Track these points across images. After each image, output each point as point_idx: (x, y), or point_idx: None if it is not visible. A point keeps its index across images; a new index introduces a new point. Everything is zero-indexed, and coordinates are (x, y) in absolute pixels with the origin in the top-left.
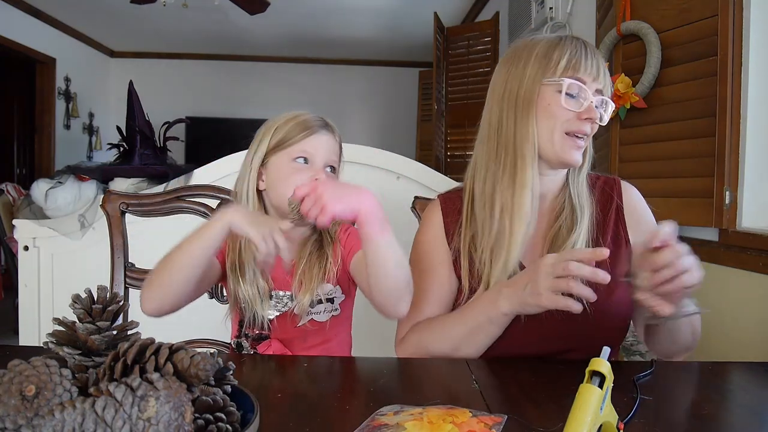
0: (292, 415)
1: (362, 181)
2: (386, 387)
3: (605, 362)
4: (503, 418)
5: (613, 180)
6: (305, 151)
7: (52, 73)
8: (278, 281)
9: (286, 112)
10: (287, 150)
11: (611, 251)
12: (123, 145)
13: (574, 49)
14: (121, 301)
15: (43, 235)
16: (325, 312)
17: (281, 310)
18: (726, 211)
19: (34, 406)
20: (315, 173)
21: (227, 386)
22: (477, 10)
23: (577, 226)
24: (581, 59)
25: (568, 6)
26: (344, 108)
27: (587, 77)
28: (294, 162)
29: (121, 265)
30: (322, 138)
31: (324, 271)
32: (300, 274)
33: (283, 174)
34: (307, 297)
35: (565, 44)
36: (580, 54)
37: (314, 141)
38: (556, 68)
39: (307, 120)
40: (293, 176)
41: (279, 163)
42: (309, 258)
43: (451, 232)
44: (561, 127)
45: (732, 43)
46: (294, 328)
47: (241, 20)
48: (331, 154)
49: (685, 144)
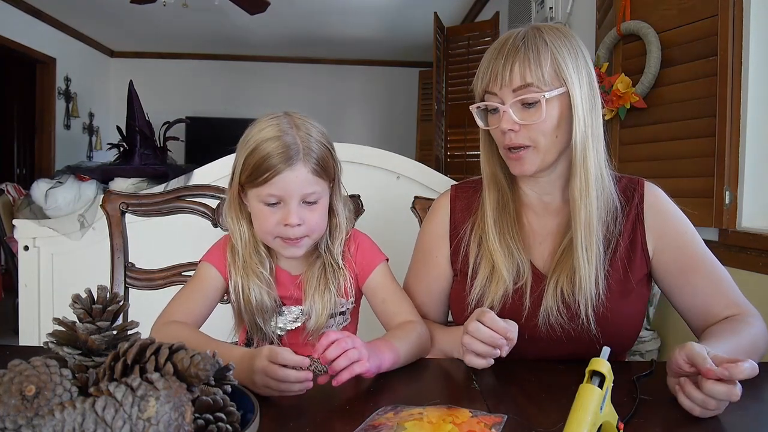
0: (292, 415)
1: (362, 181)
2: (386, 387)
3: (605, 362)
4: (503, 418)
5: (636, 181)
6: (272, 195)
7: (52, 73)
8: (288, 298)
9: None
10: (255, 191)
11: (626, 257)
12: (123, 145)
13: (489, 61)
14: (121, 301)
15: (43, 235)
16: (336, 325)
17: (291, 327)
18: (726, 211)
19: (34, 406)
20: (284, 216)
21: (227, 386)
22: (477, 10)
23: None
24: (493, 69)
25: (568, 6)
26: (344, 108)
27: (497, 86)
28: (265, 205)
29: (121, 265)
30: (289, 176)
31: (337, 287)
32: (311, 289)
33: (256, 212)
34: (324, 315)
35: (488, 56)
36: (491, 64)
37: (280, 183)
38: (476, 91)
39: (270, 156)
40: (267, 218)
41: (251, 201)
42: (320, 275)
43: (460, 224)
44: (501, 145)
45: (732, 43)
46: (304, 342)
47: (241, 20)
48: (304, 187)
49: (685, 144)
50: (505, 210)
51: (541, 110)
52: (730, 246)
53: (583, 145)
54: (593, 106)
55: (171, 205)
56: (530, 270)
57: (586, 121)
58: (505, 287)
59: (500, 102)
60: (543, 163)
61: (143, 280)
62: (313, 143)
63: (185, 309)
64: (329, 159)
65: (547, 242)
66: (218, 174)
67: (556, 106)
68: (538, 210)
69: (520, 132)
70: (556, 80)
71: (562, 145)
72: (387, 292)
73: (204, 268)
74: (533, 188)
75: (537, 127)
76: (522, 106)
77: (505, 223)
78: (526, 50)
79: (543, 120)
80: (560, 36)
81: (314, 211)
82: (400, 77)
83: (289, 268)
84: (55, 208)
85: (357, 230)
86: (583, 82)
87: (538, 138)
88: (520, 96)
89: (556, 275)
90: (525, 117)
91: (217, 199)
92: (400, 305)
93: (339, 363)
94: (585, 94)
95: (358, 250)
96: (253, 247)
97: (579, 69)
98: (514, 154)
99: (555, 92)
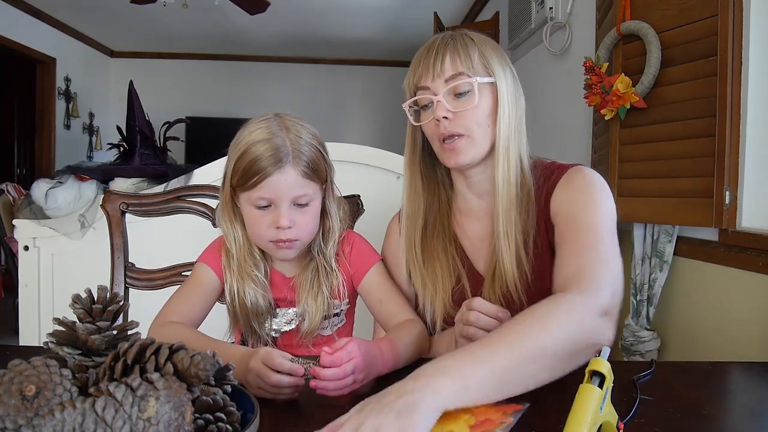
0: (292, 415)
1: (362, 181)
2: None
3: (605, 362)
4: (524, 406)
5: (561, 167)
6: (262, 198)
7: (52, 73)
8: (282, 300)
9: (252, 121)
10: (246, 194)
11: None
12: (123, 145)
13: (420, 58)
14: (121, 301)
15: (43, 235)
16: (331, 326)
17: (286, 329)
18: (726, 211)
19: (34, 406)
20: (275, 218)
21: (227, 386)
22: (477, 10)
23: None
24: (424, 63)
25: (568, 6)
26: (344, 108)
27: (429, 79)
28: (256, 208)
29: (121, 265)
30: (279, 179)
31: (330, 289)
32: (304, 292)
33: (247, 215)
34: (318, 318)
35: (418, 55)
36: (422, 60)
37: (269, 186)
38: (408, 89)
39: (259, 159)
40: (259, 221)
41: (243, 204)
42: (313, 277)
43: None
44: (435, 137)
45: (732, 43)
46: (298, 343)
47: (241, 20)
48: (294, 190)
49: (685, 144)
50: (437, 217)
51: (474, 97)
52: (730, 246)
53: (507, 135)
54: (517, 101)
55: (171, 205)
56: (468, 275)
57: (510, 114)
58: (443, 299)
59: (433, 94)
60: (477, 154)
61: (143, 280)
62: (304, 145)
63: (182, 309)
64: (320, 161)
65: (485, 244)
66: (218, 174)
67: (487, 95)
68: (478, 214)
69: (454, 120)
70: (484, 71)
71: (494, 136)
72: (383, 292)
73: (200, 269)
74: (470, 189)
75: (470, 115)
76: (454, 96)
77: (437, 233)
78: (455, 44)
79: (476, 106)
80: (483, 38)
81: (306, 214)
82: (400, 77)
83: (283, 271)
84: (55, 208)
85: (351, 231)
86: (507, 76)
87: (472, 126)
88: (452, 84)
89: (491, 270)
90: (458, 106)
91: (217, 199)
92: (397, 305)
93: (327, 386)
94: (510, 88)
95: (353, 250)
96: (247, 250)
97: (503, 65)
98: (448, 144)
99: (485, 80)
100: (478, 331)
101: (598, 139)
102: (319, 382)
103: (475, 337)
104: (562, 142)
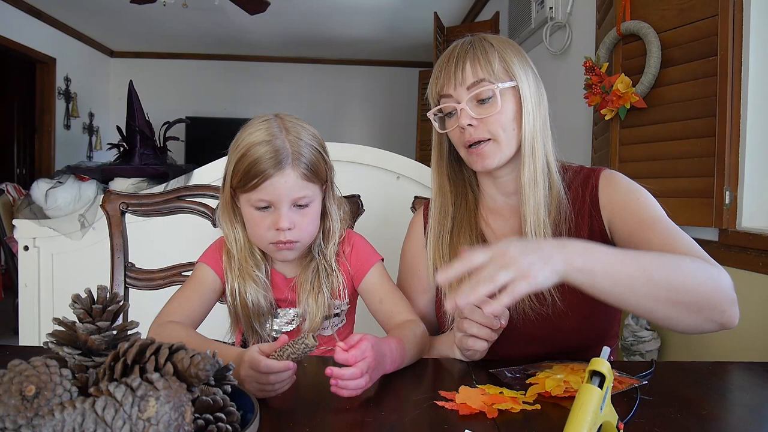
0: (292, 415)
1: (362, 181)
2: (386, 386)
3: (605, 362)
4: (641, 382)
5: (593, 171)
6: (262, 200)
7: (52, 73)
8: (282, 300)
9: (252, 122)
10: (246, 196)
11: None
12: (123, 145)
13: (441, 66)
14: (121, 301)
15: (43, 235)
16: (331, 327)
17: (287, 329)
18: (726, 211)
19: (34, 406)
20: (275, 220)
21: (227, 386)
22: (477, 10)
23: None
24: (446, 72)
25: (568, 6)
26: (344, 108)
27: (452, 87)
28: (256, 210)
29: (121, 265)
30: (279, 181)
31: (331, 290)
32: (305, 293)
33: (248, 216)
34: (318, 318)
35: (439, 63)
36: (444, 69)
37: (269, 187)
38: (431, 98)
39: (259, 161)
40: (259, 223)
41: (243, 205)
42: (313, 278)
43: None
44: (461, 145)
45: (732, 43)
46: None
47: (241, 20)
48: (294, 191)
49: (685, 144)
50: (464, 216)
51: (497, 102)
52: (730, 246)
53: (532, 137)
54: (540, 101)
55: (171, 205)
56: None
57: (534, 115)
58: None
59: (456, 102)
60: (503, 157)
61: (143, 280)
62: (304, 147)
63: (182, 309)
64: (320, 162)
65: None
66: (218, 174)
67: (510, 99)
68: (504, 212)
69: (479, 127)
70: (505, 75)
71: (519, 138)
72: (383, 292)
73: (201, 269)
74: (497, 189)
75: (495, 120)
76: (477, 102)
77: (464, 231)
78: (474, 51)
79: (499, 111)
80: (503, 41)
81: (306, 215)
82: (400, 77)
83: (283, 271)
84: (55, 208)
85: (351, 231)
86: (529, 78)
87: (497, 131)
88: (474, 91)
89: None
90: (481, 112)
91: (217, 199)
92: (398, 304)
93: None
94: (533, 89)
95: (353, 251)
96: (248, 251)
97: (524, 66)
98: (474, 149)
99: (507, 84)
100: (472, 325)
101: (598, 139)
102: (339, 382)
103: (470, 330)
104: (562, 142)
